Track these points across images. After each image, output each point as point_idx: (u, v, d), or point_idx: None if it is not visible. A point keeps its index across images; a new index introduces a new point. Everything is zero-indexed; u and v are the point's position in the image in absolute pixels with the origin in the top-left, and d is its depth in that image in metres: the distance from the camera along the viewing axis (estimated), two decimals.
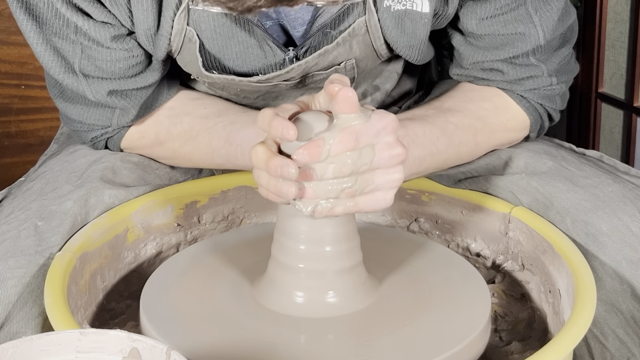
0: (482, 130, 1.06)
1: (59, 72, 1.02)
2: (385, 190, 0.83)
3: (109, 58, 1.01)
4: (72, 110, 1.08)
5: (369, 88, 1.16)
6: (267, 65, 1.04)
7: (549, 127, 1.14)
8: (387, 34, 1.03)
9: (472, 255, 1.07)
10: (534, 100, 1.09)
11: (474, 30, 1.05)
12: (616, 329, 0.94)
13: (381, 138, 0.81)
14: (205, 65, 1.04)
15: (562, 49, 1.08)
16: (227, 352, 0.81)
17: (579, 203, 0.99)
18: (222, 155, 1.06)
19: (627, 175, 1.06)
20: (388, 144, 0.82)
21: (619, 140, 1.83)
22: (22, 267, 0.92)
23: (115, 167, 1.07)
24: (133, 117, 1.07)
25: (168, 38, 1.00)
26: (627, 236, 0.95)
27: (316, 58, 1.03)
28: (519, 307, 0.99)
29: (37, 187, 1.04)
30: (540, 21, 1.03)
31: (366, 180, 0.82)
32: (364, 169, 0.81)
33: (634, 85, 1.74)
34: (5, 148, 1.91)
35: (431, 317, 0.87)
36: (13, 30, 1.83)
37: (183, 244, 1.08)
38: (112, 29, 1.00)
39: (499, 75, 1.07)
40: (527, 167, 1.06)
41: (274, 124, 0.80)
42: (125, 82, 1.03)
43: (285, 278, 0.87)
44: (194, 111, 1.08)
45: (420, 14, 1.01)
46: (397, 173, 0.82)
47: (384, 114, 0.82)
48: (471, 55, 1.07)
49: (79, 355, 0.71)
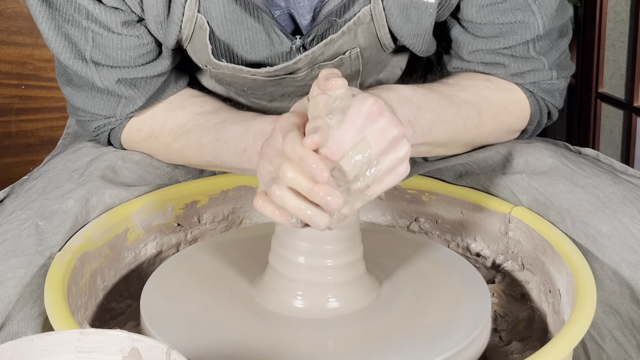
0: (487, 109, 1.06)
1: (68, 58, 1.03)
2: (395, 169, 0.81)
3: (119, 46, 1.02)
4: (77, 98, 1.08)
5: (373, 83, 1.16)
6: (275, 54, 1.05)
7: (547, 126, 1.14)
8: (391, 23, 1.03)
9: (472, 255, 1.07)
10: (537, 94, 1.09)
11: (473, 19, 1.06)
12: (614, 330, 0.94)
13: (371, 127, 0.80)
14: (215, 53, 1.05)
15: (560, 42, 1.09)
16: (227, 352, 0.81)
17: (579, 204, 0.98)
18: (210, 152, 1.05)
19: (625, 175, 1.06)
20: (381, 130, 0.80)
21: (619, 140, 1.83)
22: (23, 267, 0.92)
23: (116, 167, 1.07)
24: (138, 107, 1.07)
25: (179, 25, 1.01)
26: (627, 238, 0.95)
27: (322, 47, 1.04)
28: (519, 307, 0.99)
29: (39, 186, 1.04)
30: (539, 10, 1.04)
31: (371, 174, 0.80)
32: (365, 167, 0.80)
33: (634, 85, 1.75)
34: (6, 148, 1.92)
35: (431, 317, 0.87)
36: (13, 30, 1.83)
37: (183, 244, 1.08)
38: (122, 14, 1.01)
39: (501, 69, 1.07)
40: (528, 164, 1.05)
41: (308, 161, 0.76)
42: (135, 71, 1.04)
43: (284, 285, 0.87)
44: (189, 107, 1.09)
45: (426, 4, 1.02)
46: (402, 149, 0.81)
47: (360, 104, 0.80)
48: (470, 43, 1.07)
49: (79, 355, 0.71)
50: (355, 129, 0.79)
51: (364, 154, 0.79)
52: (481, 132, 1.07)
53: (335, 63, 1.06)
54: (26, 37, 1.00)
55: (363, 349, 0.83)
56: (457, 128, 1.04)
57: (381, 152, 0.80)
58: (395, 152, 0.81)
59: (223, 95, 1.15)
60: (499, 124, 1.08)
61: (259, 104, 1.13)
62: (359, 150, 0.79)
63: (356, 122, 0.79)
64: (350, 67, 1.07)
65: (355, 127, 0.79)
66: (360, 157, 0.79)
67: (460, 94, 1.05)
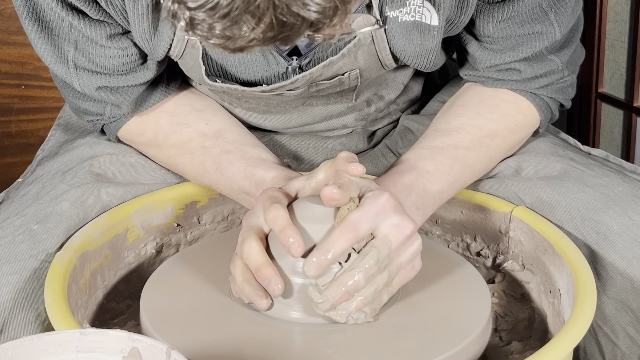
0: (493, 144, 1.04)
1: (50, 61, 1.02)
2: (411, 263, 0.86)
3: (103, 54, 1.01)
4: (68, 95, 1.09)
5: (372, 97, 1.15)
6: (271, 74, 1.04)
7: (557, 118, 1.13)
8: (393, 45, 1.01)
9: (472, 255, 1.07)
10: (547, 95, 1.07)
11: (490, 34, 1.03)
12: (627, 326, 0.94)
13: (385, 220, 0.83)
14: (208, 72, 1.04)
15: (573, 38, 1.07)
16: (227, 352, 0.81)
17: (589, 202, 0.99)
18: (211, 179, 1.05)
19: (634, 174, 1.06)
20: (395, 225, 0.83)
21: (619, 140, 1.83)
22: (16, 272, 0.92)
23: (109, 172, 1.07)
24: (126, 112, 1.07)
25: (169, 44, 1.00)
26: (637, 235, 0.95)
27: (321, 69, 1.02)
28: (519, 307, 0.99)
29: (33, 192, 1.04)
30: (555, 17, 1.02)
31: (394, 266, 0.84)
32: (385, 263, 0.83)
33: (634, 85, 1.74)
34: (6, 148, 1.92)
35: (431, 317, 0.87)
36: (13, 31, 1.83)
37: (183, 244, 1.08)
38: (108, 28, 1.00)
39: (516, 74, 1.05)
40: (537, 172, 1.05)
41: (286, 234, 0.82)
42: (116, 79, 1.03)
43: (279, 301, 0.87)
44: (195, 124, 1.08)
45: (429, 27, 1.00)
46: (416, 243, 0.85)
47: (376, 197, 0.84)
48: (488, 59, 1.05)
49: (79, 355, 0.71)
50: (371, 215, 0.83)
51: (388, 246, 0.83)
52: (492, 164, 1.07)
53: (333, 83, 1.04)
54: (26, 37, 1.00)
55: (363, 349, 0.83)
56: (466, 179, 1.03)
57: (400, 246, 0.84)
58: (411, 247, 0.85)
59: (218, 102, 1.14)
60: (508, 147, 1.07)
61: (256, 108, 1.12)
62: (383, 244, 0.83)
63: (372, 210, 0.83)
64: (349, 85, 1.06)
65: (370, 214, 0.83)
66: (386, 250, 0.82)
67: (463, 141, 1.03)
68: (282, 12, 0.66)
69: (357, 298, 0.82)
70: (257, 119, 1.14)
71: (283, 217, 0.83)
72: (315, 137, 1.18)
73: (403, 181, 0.95)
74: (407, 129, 1.19)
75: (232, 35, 0.68)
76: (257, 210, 0.87)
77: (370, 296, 0.82)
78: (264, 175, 0.99)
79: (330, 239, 0.81)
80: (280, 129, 1.16)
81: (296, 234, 0.81)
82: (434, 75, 1.28)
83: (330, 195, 0.81)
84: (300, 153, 1.18)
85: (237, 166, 1.02)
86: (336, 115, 1.14)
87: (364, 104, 1.14)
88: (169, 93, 1.09)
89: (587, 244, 0.96)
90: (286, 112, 1.13)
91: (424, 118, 1.18)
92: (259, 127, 1.16)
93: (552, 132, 1.18)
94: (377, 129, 1.22)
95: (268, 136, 1.18)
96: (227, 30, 0.67)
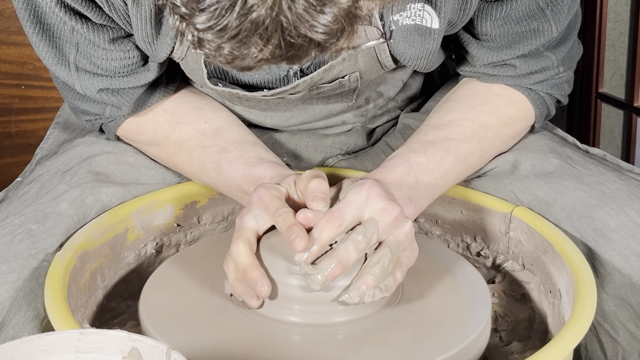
0: (486, 135, 1.05)
1: (52, 63, 1.02)
2: (410, 245, 0.88)
3: (105, 57, 1.01)
4: (67, 95, 1.09)
5: (372, 94, 1.15)
6: (272, 77, 1.05)
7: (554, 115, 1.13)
8: (393, 48, 1.02)
9: (472, 255, 1.07)
10: (543, 91, 1.08)
11: (487, 32, 1.04)
12: (627, 322, 0.95)
13: (370, 207, 0.85)
14: (210, 75, 1.04)
15: (569, 35, 1.07)
16: (227, 352, 0.81)
17: (585, 200, 0.99)
18: (210, 178, 1.05)
19: (631, 173, 1.07)
20: (381, 208, 0.85)
21: (619, 140, 1.83)
22: (15, 271, 0.92)
23: (108, 171, 1.07)
24: (126, 113, 1.07)
25: (171, 47, 1.00)
26: (634, 231, 0.96)
27: (321, 73, 1.03)
28: (519, 307, 0.99)
29: (33, 191, 1.04)
30: (552, 15, 1.02)
31: (393, 243, 0.86)
32: (375, 239, 0.84)
33: (634, 85, 1.74)
34: (6, 148, 1.91)
35: (431, 318, 0.87)
36: (13, 31, 1.83)
37: (183, 244, 1.08)
38: (110, 32, 1.00)
39: (511, 70, 1.06)
40: (534, 168, 1.05)
41: (292, 231, 0.83)
42: (118, 81, 1.03)
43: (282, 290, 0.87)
44: (194, 122, 1.08)
45: (430, 30, 1.00)
46: (406, 224, 0.87)
47: (358, 188, 0.86)
48: (485, 57, 1.06)
49: (79, 355, 0.71)
50: (356, 204, 0.85)
51: (375, 225, 0.84)
52: (487, 156, 1.07)
53: (334, 85, 1.05)
54: (26, 37, 0.99)
55: (363, 349, 0.83)
56: (460, 170, 1.04)
57: (388, 226, 0.85)
58: (403, 228, 0.86)
59: (218, 100, 1.15)
60: (502, 140, 1.08)
61: (256, 106, 1.13)
62: (370, 222, 0.84)
63: (357, 199, 0.85)
64: (349, 86, 1.07)
65: (355, 203, 0.85)
66: (373, 227, 0.84)
67: (455, 134, 1.03)
68: (290, 34, 0.66)
69: (367, 277, 0.83)
70: (258, 116, 1.14)
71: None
72: (314, 135, 1.18)
73: (394, 174, 0.97)
74: (407, 127, 1.19)
75: (240, 55, 0.68)
76: (251, 209, 0.89)
77: (379, 273, 0.83)
78: (263, 174, 0.99)
79: (317, 228, 0.83)
80: (280, 126, 1.17)
81: (302, 233, 0.83)
82: (434, 75, 1.29)
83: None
84: (300, 151, 1.18)
85: (236, 165, 1.02)
86: (336, 113, 1.14)
87: (363, 102, 1.15)
88: (168, 92, 1.10)
89: (584, 241, 0.97)
90: (286, 110, 1.13)
91: (424, 116, 1.19)
92: (259, 124, 1.17)
93: (550, 130, 1.18)
94: (376, 126, 1.22)
95: (267, 134, 1.18)
96: (235, 50, 0.68)
